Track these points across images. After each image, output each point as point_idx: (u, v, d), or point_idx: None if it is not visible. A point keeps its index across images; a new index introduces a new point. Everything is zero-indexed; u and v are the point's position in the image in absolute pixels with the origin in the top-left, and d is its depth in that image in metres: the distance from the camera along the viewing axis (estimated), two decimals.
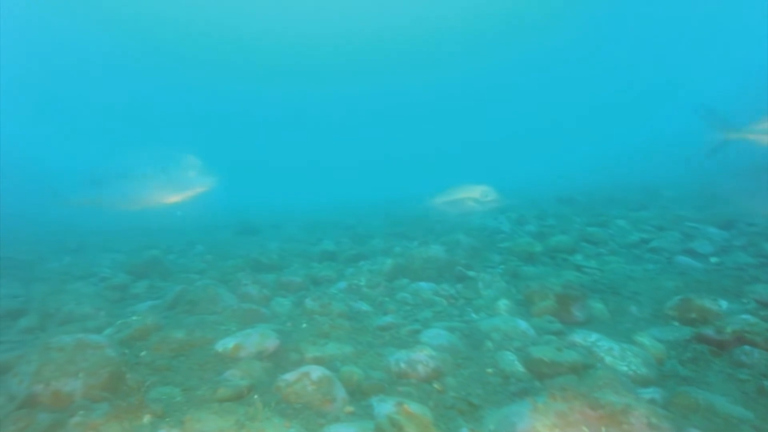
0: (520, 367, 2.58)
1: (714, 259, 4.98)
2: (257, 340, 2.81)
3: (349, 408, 2.15)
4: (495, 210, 5.38)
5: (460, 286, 4.44)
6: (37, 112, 48.22)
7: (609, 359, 2.55)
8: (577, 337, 2.80)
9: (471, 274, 4.69)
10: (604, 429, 1.69)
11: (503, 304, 3.78)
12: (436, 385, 2.41)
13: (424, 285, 4.41)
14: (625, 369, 2.47)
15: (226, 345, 2.78)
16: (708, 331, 2.81)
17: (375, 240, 7.53)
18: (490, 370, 2.61)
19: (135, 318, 3.22)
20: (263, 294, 4.20)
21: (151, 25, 38.90)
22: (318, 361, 2.62)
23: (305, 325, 3.32)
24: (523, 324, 3.18)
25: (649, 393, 2.18)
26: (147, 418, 1.93)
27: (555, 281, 3.89)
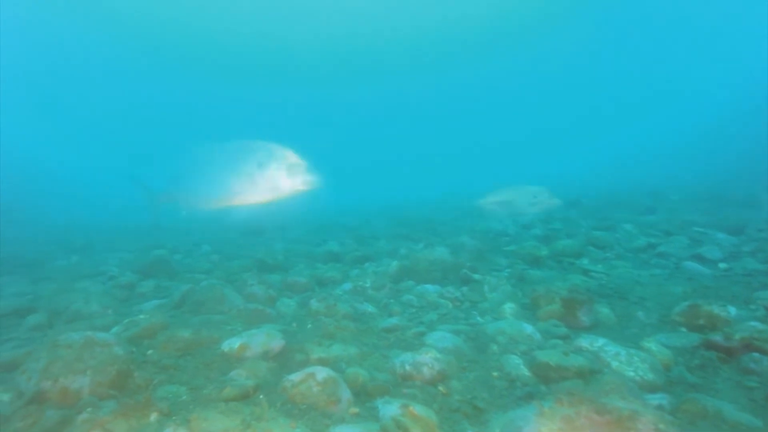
0: (525, 371, 2.57)
1: (723, 265, 4.93)
2: (263, 340, 2.81)
3: (354, 409, 2.15)
4: (546, 211, 5.29)
5: (465, 288, 4.43)
6: (37, 112, 48.60)
7: (616, 364, 2.53)
8: (584, 342, 2.78)
9: (476, 277, 4.67)
10: None
11: (509, 307, 3.76)
12: (441, 388, 2.40)
13: (429, 287, 4.41)
14: (632, 374, 2.45)
15: (232, 345, 2.79)
16: (716, 338, 2.78)
17: (380, 242, 7.54)
18: (495, 373, 2.60)
19: (142, 317, 3.25)
20: (269, 294, 4.21)
21: (152, 26, 39.16)
22: (323, 362, 2.62)
23: (310, 326, 3.33)
24: (529, 328, 3.16)
25: (657, 399, 2.17)
26: (154, 416, 1.94)
27: (561, 285, 3.87)
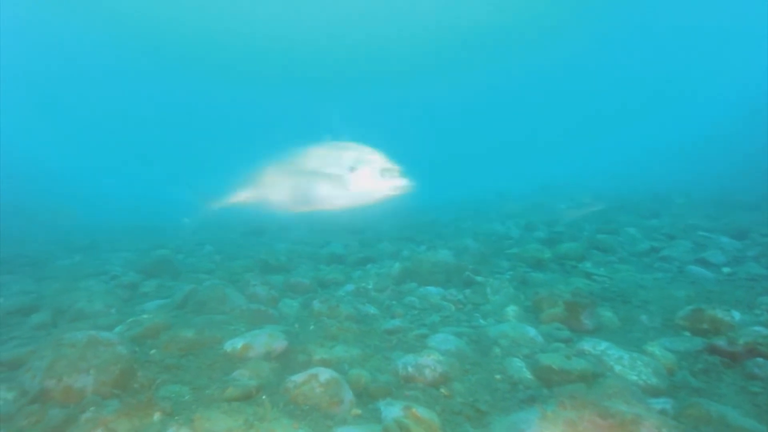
0: (528, 374, 2.57)
1: (726, 269, 4.91)
2: (265, 340, 2.82)
3: (357, 411, 2.15)
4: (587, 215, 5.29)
5: (468, 291, 4.42)
6: (37, 112, 48.78)
7: (619, 368, 2.53)
8: (587, 345, 2.77)
9: (479, 279, 4.67)
10: None
11: (511, 310, 3.75)
12: (443, 390, 2.40)
13: (432, 289, 4.40)
14: (635, 378, 2.44)
15: (234, 345, 2.80)
16: (720, 342, 2.77)
17: (383, 243, 7.53)
18: (498, 376, 2.59)
19: (145, 316, 3.26)
20: (271, 295, 4.22)
21: (152, 25, 39.26)
22: (326, 363, 2.62)
23: (313, 327, 3.33)
24: (532, 331, 3.16)
25: (660, 403, 2.16)
26: (157, 415, 1.94)
27: (564, 288, 3.87)
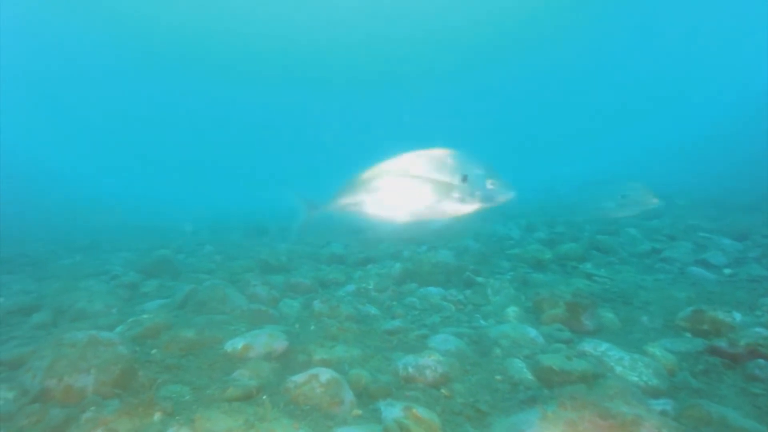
0: (528, 375, 2.56)
1: (727, 271, 4.90)
2: (266, 340, 2.82)
3: (357, 411, 2.15)
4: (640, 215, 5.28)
5: (468, 291, 4.42)
6: (37, 112, 48.82)
7: (619, 369, 2.53)
8: (587, 346, 2.77)
9: (480, 280, 4.67)
10: None
11: (512, 311, 3.75)
12: (443, 391, 2.40)
13: (432, 290, 4.40)
14: (636, 379, 2.44)
15: (235, 345, 2.80)
16: (721, 344, 2.77)
17: (383, 244, 7.53)
18: (498, 377, 2.59)
19: (146, 316, 3.26)
20: (272, 295, 4.22)
21: (153, 25, 39.30)
22: (326, 364, 2.62)
23: (313, 327, 3.33)
24: (533, 331, 3.15)
25: (661, 404, 2.16)
26: (157, 415, 1.94)
27: (565, 289, 3.86)
